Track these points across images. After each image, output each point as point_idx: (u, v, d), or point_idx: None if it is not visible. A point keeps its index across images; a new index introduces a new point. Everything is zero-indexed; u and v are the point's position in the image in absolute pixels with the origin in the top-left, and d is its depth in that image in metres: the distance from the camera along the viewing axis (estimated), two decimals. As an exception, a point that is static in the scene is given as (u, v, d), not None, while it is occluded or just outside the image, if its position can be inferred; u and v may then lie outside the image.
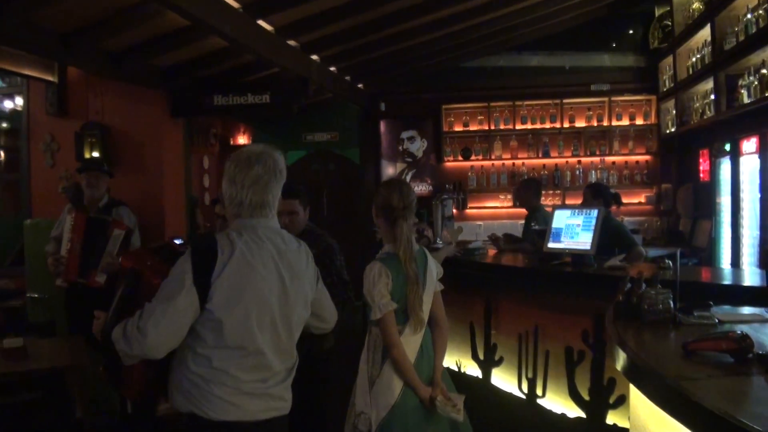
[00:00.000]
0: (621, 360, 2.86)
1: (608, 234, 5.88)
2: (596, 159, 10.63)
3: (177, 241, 3.63)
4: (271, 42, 7.00)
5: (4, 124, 10.97)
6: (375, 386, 3.61)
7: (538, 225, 6.67)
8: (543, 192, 9.60)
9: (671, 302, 3.30)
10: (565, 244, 5.57)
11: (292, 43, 7.51)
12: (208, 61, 7.95)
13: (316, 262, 3.11)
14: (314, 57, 8.25)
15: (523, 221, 8.32)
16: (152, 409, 4.64)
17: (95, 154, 8.59)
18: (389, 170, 11.32)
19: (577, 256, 5.44)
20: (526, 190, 7.78)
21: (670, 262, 4.96)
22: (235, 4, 6.08)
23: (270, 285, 2.70)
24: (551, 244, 5.68)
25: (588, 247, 5.33)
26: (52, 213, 7.22)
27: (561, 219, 5.70)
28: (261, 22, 6.65)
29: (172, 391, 2.73)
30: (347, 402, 3.83)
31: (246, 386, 2.67)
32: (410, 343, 3.66)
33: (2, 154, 11.18)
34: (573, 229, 5.54)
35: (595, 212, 5.46)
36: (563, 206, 6.70)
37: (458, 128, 11.12)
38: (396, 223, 3.70)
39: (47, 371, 4.94)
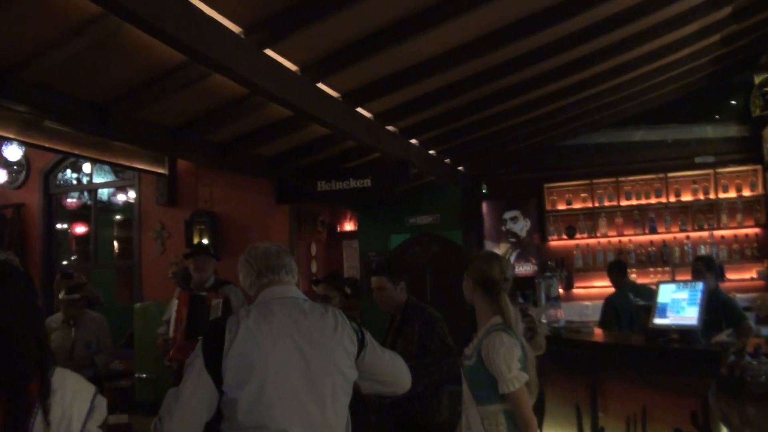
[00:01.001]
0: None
1: (717, 308, 5.74)
2: (704, 233, 10.32)
3: None
4: (370, 128, 7.20)
5: (118, 216, 11.57)
6: None
7: (619, 305, 6.63)
8: (651, 269, 9.73)
9: (776, 375, 3.20)
10: (671, 319, 5.44)
11: (390, 128, 7.69)
12: (311, 148, 8.22)
13: (420, 331, 3.14)
14: (413, 141, 8.40)
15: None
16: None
17: (204, 241, 8.97)
18: (493, 251, 11.27)
19: (684, 332, 5.30)
20: (611, 272, 8.08)
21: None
22: (335, 94, 6.30)
23: (284, 358, 2.68)
24: (657, 320, 5.56)
25: (695, 322, 5.20)
26: (162, 297, 7.58)
27: (666, 294, 5.58)
28: (360, 110, 6.85)
29: None
30: None
31: None
32: None
33: (116, 244, 11.75)
34: (679, 304, 5.41)
35: (700, 285, 5.35)
36: (668, 281, 6.52)
37: (561, 206, 11.01)
38: (499, 296, 3.64)
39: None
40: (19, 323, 2.35)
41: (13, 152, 8.93)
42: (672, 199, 10.48)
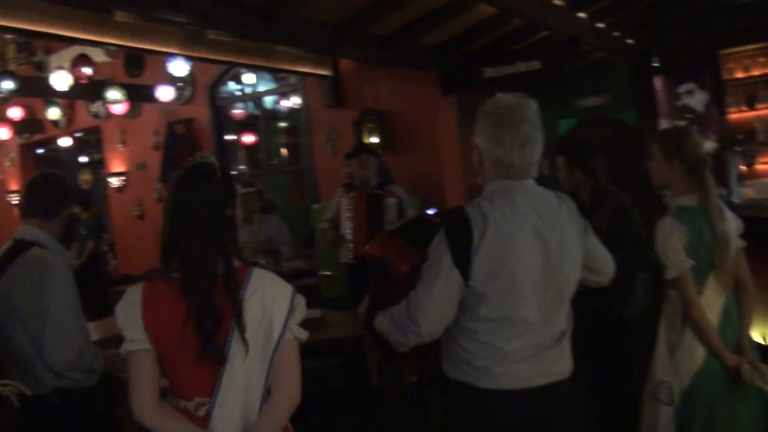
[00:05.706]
0: None
1: None
2: None
3: (430, 212, 3.56)
4: (538, 3, 6.82)
5: (283, 123, 11.81)
6: (676, 353, 3.39)
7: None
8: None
9: None
10: None
11: (557, 2, 7.28)
12: (474, 34, 7.94)
13: (609, 220, 3.00)
14: (581, 14, 7.92)
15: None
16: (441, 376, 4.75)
17: (373, 140, 9.05)
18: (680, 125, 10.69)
19: None
20: None
21: None
22: (499, -32, 6.03)
23: (530, 250, 2.59)
24: None
25: None
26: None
27: None
28: (527, -16, 6.53)
29: (442, 359, 2.81)
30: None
31: (513, 356, 2.61)
32: (712, 306, 3.37)
33: (284, 150, 12.05)
34: None
35: None
36: None
37: (739, 75, 10.07)
38: (703, 173, 3.40)
39: (344, 340, 5.45)
40: (201, 227, 2.42)
41: (179, 67, 9.03)
42: None
